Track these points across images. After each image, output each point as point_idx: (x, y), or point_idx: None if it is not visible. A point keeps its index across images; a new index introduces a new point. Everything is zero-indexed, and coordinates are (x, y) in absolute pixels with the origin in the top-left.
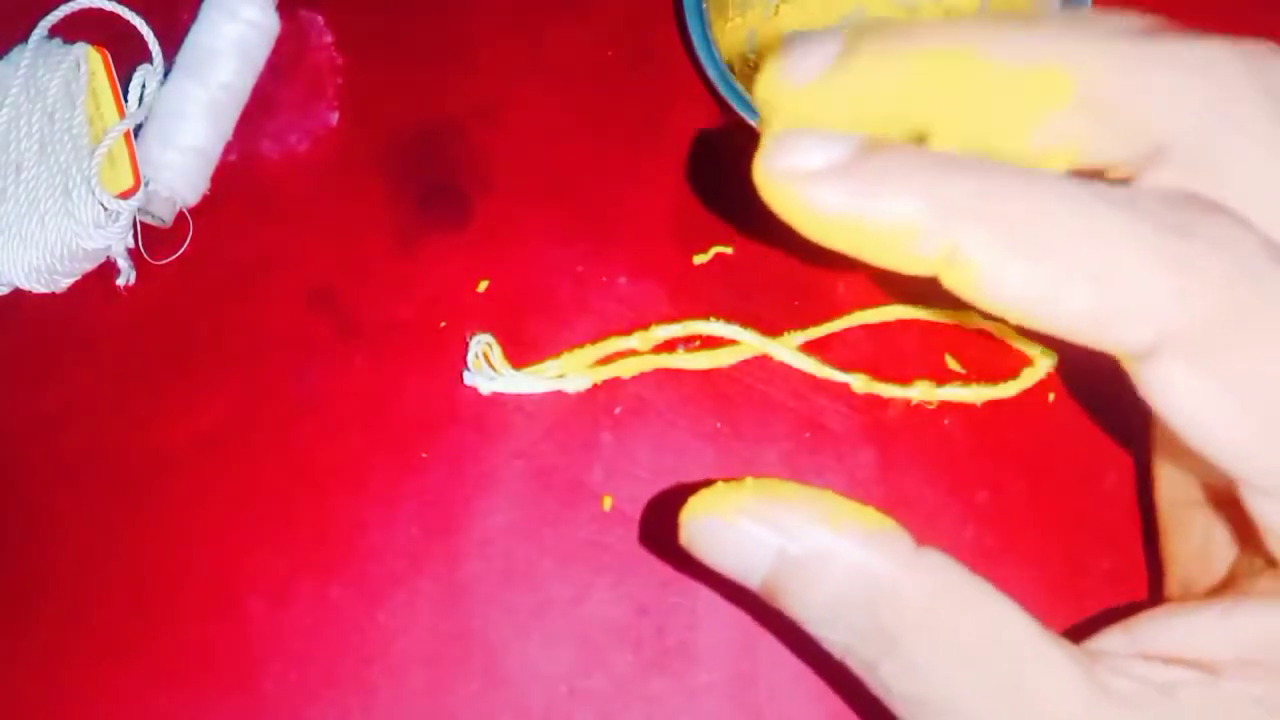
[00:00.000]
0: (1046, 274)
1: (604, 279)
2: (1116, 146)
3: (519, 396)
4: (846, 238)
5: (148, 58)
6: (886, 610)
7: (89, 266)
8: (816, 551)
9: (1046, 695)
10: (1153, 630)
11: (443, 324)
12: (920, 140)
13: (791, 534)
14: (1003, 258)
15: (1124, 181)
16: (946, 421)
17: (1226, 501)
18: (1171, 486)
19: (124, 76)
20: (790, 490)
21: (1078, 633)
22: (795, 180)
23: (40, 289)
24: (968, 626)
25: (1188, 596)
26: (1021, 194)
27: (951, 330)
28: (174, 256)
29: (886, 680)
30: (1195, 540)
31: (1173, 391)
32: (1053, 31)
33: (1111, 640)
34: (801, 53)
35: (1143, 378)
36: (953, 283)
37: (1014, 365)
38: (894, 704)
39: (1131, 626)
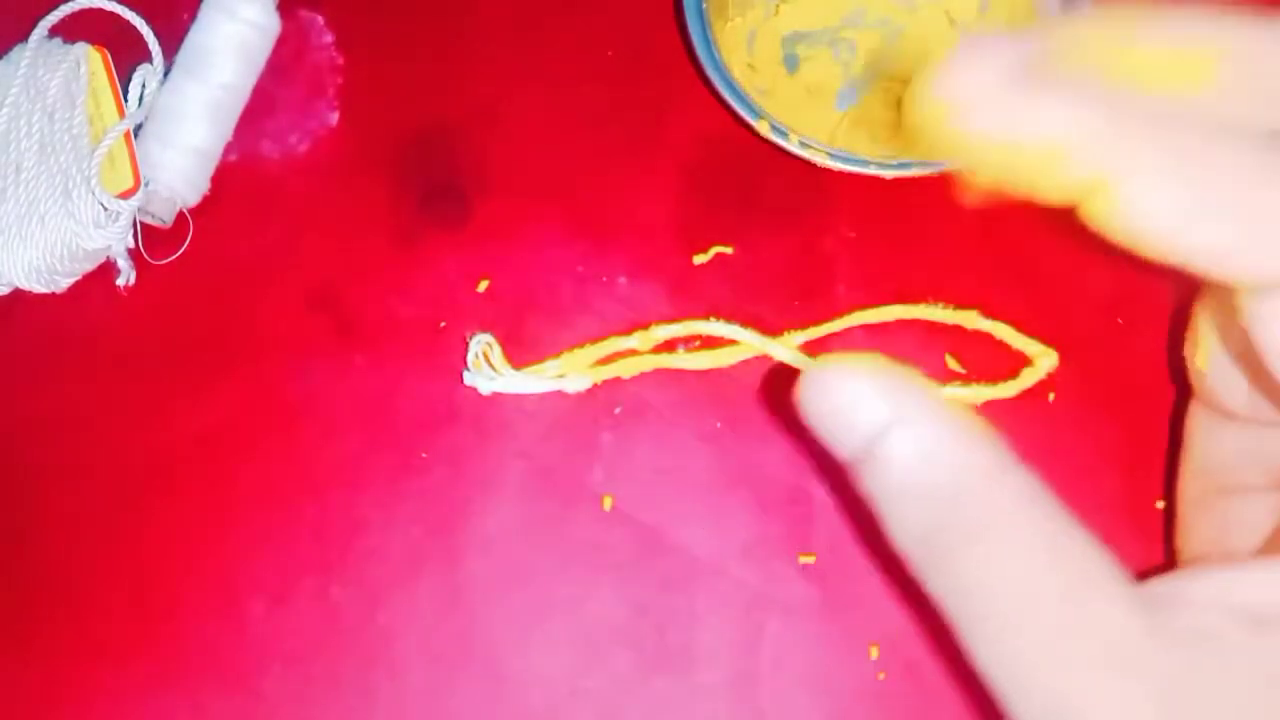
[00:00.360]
0: (1195, 198)
1: (604, 279)
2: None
3: (519, 396)
4: (993, 155)
5: (148, 58)
6: (975, 506)
7: (89, 266)
8: (922, 431)
9: (1104, 621)
10: (1200, 581)
11: (443, 324)
12: None
13: (905, 415)
14: (1157, 182)
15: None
16: None
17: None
18: (1196, 478)
19: (124, 76)
20: (916, 379)
21: None
22: (968, 96)
23: (40, 289)
24: (1041, 541)
25: None
26: (1173, 125)
27: (951, 330)
28: (174, 256)
29: (954, 572)
30: (1214, 528)
31: None
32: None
33: (1153, 587)
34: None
35: (1259, 312)
36: (1092, 208)
37: (1014, 365)
38: (948, 600)
39: (1178, 577)
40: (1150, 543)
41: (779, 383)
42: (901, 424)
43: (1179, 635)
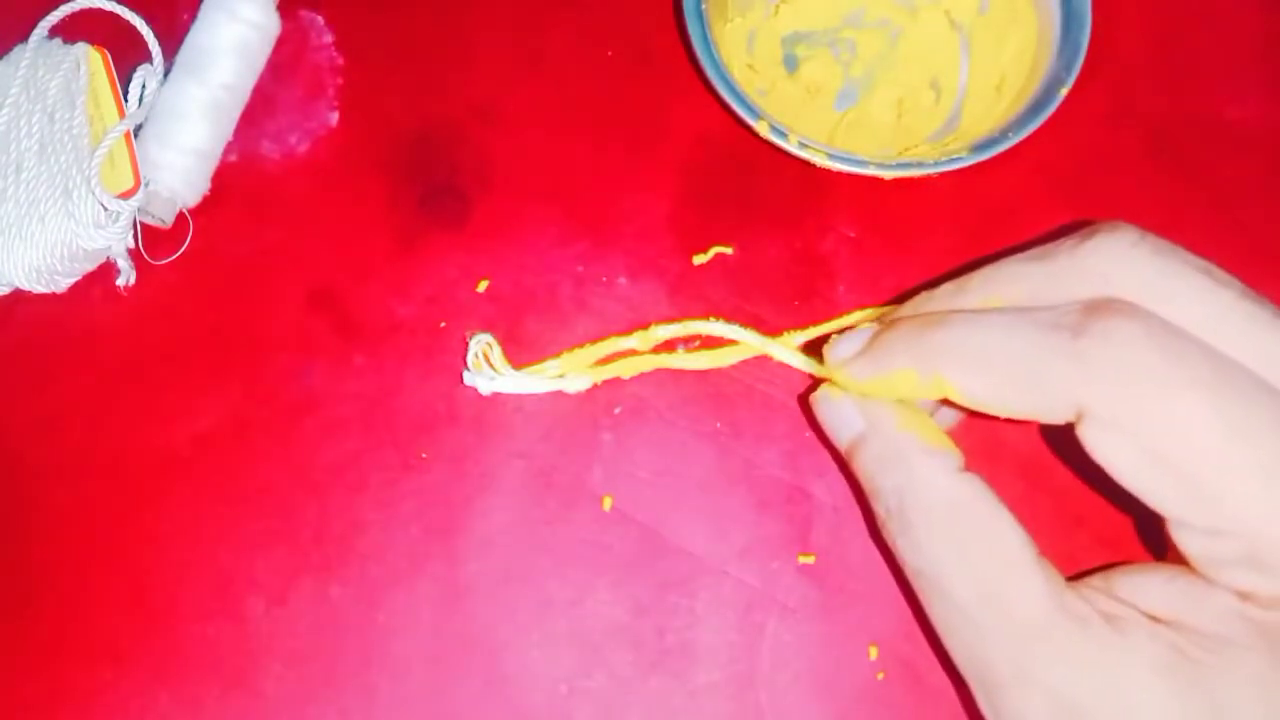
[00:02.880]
0: (993, 382)
1: (604, 279)
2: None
3: (519, 396)
4: (880, 387)
5: (148, 58)
6: (911, 501)
7: (89, 266)
8: (882, 441)
9: (1015, 596)
10: (1121, 580)
11: (443, 324)
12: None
13: (873, 424)
14: (963, 379)
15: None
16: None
17: None
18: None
19: (124, 76)
20: (890, 397)
21: None
22: (842, 365)
23: (40, 289)
24: (968, 533)
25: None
26: (969, 334)
27: None
28: (174, 256)
29: (900, 551)
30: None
31: (1100, 452)
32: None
33: (1092, 580)
34: (841, 343)
35: (1082, 442)
36: (948, 396)
37: None
38: (906, 572)
39: (1111, 574)
40: (1149, 544)
41: (780, 384)
42: (869, 437)
43: (1078, 616)
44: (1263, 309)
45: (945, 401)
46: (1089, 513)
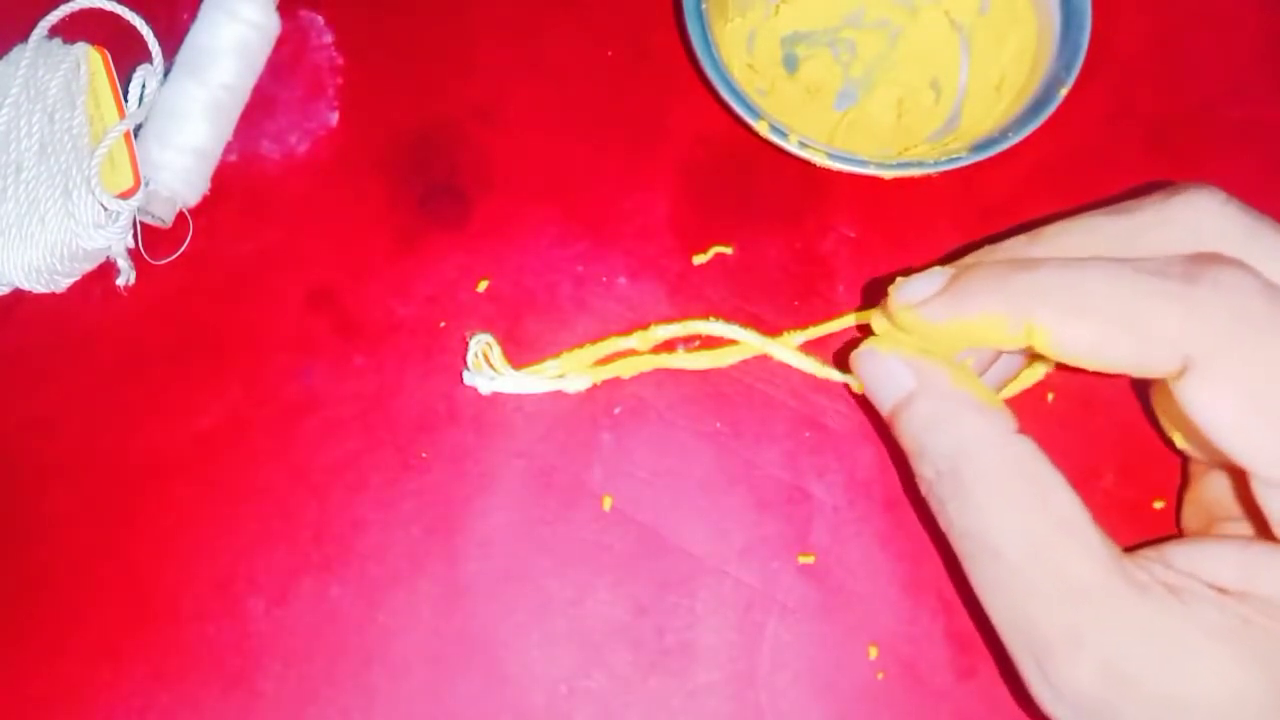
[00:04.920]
0: (1095, 329)
1: (604, 279)
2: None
3: (519, 396)
4: (952, 334)
5: (148, 58)
6: (965, 461)
7: (89, 266)
8: (935, 400)
9: (1072, 558)
10: (1177, 552)
11: (442, 324)
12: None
13: (925, 382)
14: (1061, 325)
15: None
16: None
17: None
18: (1195, 509)
19: (124, 76)
20: (947, 363)
21: None
22: (914, 308)
23: (40, 289)
24: (1024, 495)
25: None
26: (1069, 277)
27: None
28: (174, 256)
29: (949, 513)
30: (1214, 491)
31: (1199, 404)
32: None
33: (1145, 553)
34: (912, 283)
35: (1179, 395)
36: (1037, 345)
37: None
38: (951, 535)
39: (1162, 547)
40: (1147, 543)
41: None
42: (920, 395)
43: (1139, 584)
44: None
45: (1031, 354)
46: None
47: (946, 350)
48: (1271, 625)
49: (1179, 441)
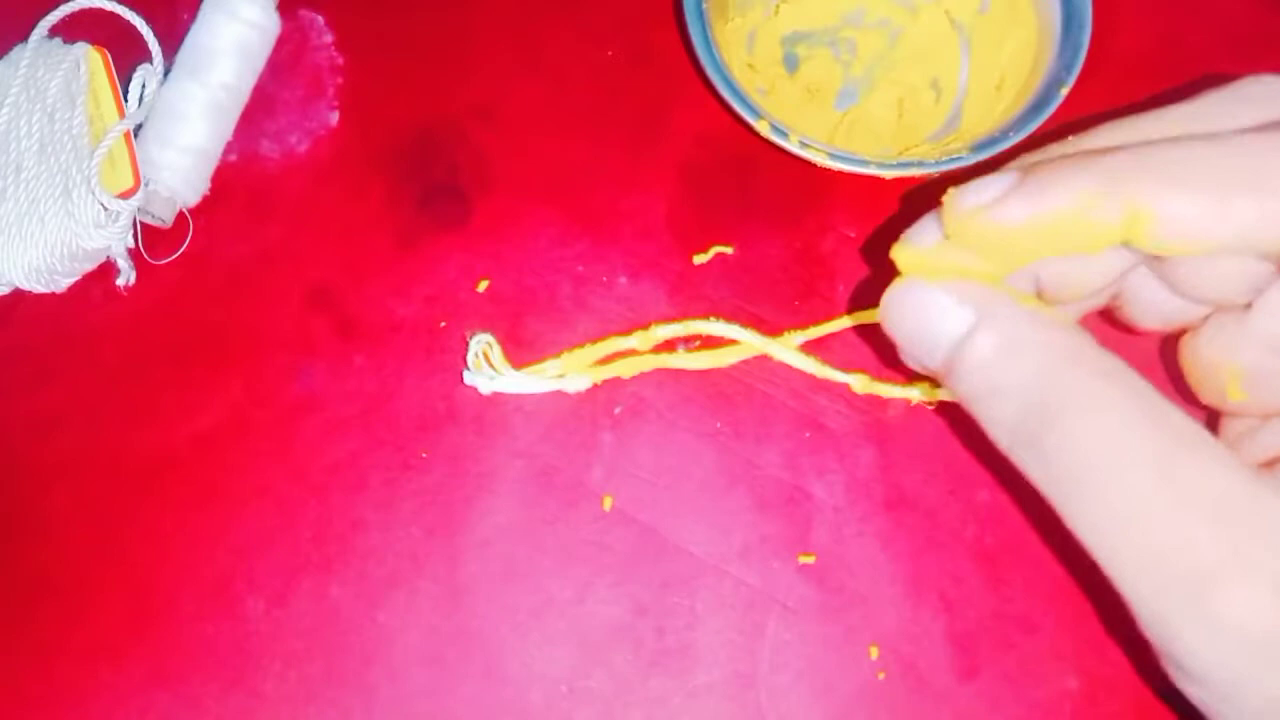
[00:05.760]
0: (1212, 195)
1: (604, 279)
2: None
3: (519, 396)
4: (1038, 237)
5: (148, 58)
6: (1057, 388)
7: (89, 266)
8: (1005, 326)
9: (1216, 475)
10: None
11: (443, 324)
12: None
13: (987, 311)
14: (1175, 199)
15: None
16: (946, 421)
17: None
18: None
19: (124, 76)
20: (992, 285)
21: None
22: (983, 211)
23: (40, 289)
24: (1136, 410)
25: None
26: (1167, 151)
27: None
28: (174, 256)
29: (1048, 453)
30: (1257, 452)
31: None
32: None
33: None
34: (977, 187)
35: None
36: (1138, 234)
37: None
38: (1048, 484)
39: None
40: None
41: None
42: (984, 324)
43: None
44: None
45: (919, 376)
46: None
47: (1003, 269)
48: None
49: (1234, 395)
